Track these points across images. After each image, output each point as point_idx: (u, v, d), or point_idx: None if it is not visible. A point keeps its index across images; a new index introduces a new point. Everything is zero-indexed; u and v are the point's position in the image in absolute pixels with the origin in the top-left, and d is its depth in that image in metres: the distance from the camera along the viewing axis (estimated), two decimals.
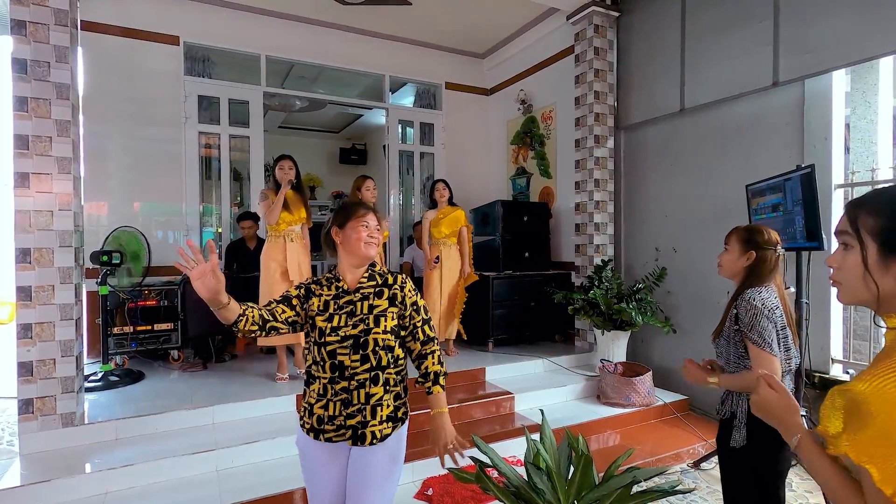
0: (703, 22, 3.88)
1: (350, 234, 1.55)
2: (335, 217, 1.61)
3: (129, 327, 3.80)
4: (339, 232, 1.58)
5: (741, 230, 1.80)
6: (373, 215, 1.59)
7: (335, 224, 1.59)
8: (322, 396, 1.52)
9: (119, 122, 4.44)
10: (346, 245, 1.55)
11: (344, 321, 1.51)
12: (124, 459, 2.58)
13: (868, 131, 3.72)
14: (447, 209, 4.37)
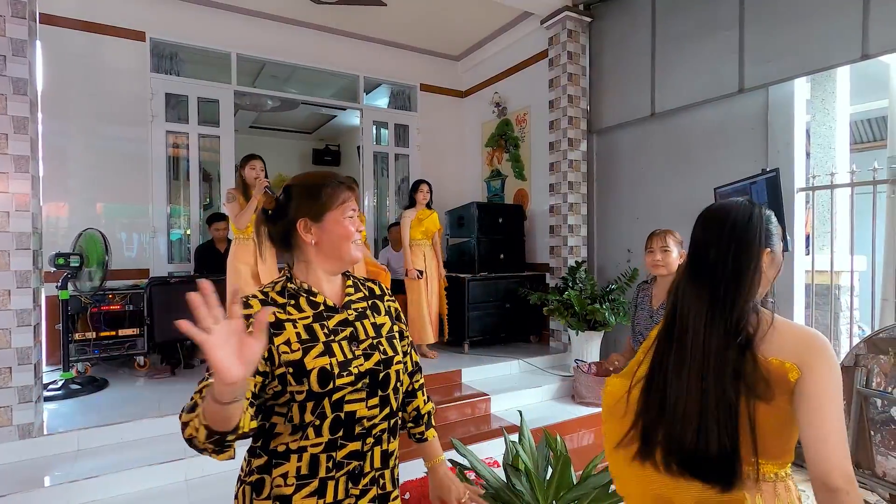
0: (672, 29, 3.98)
1: (333, 230, 1.06)
2: (301, 204, 1.06)
3: (91, 333, 3.65)
4: (312, 226, 1.06)
5: (672, 232, 2.13)
6: (355, 198, 1.12)
7: (305, 215, 1.05)
8: (310, 477, 0.99)
9: (81, 119, 4.27)
10: (326, 245, 1.06)
11: (350, 352, 1.03)
12: (87, 471, 2.46)
13: (827, 137, 3.90)
14: (426, 211, 4.36)
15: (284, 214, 1.07)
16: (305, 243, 1.07)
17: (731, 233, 0.94)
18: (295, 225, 1.06)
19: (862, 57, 2.91)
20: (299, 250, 1.08)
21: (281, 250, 1.11)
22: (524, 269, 5.10)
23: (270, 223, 1.10)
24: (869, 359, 2.75)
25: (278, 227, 1.09)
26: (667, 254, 2.11)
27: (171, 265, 4.72)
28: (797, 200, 3.31)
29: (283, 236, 1.09)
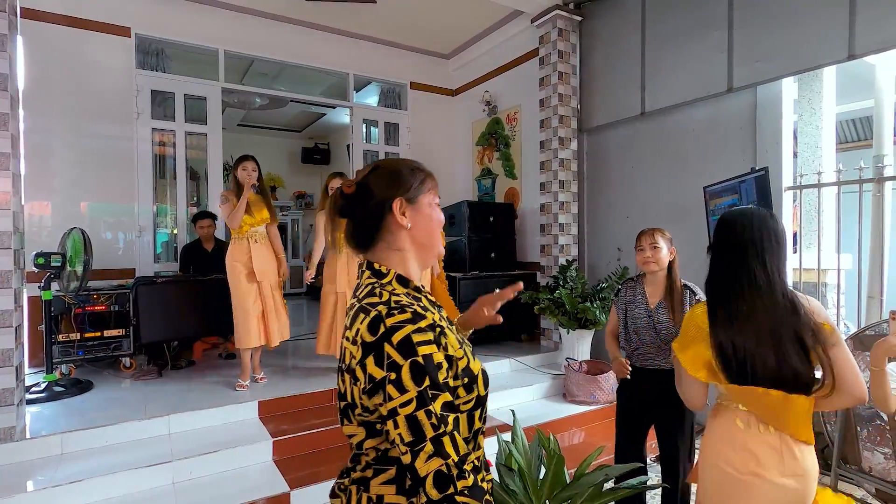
0: (662, 29, 4.00)
1: (428, 214, 0.96)
2: (392, 184, 0.94)
3: (75, 334, 3.58)
4: (408, 208, 0.94)
5: (661, 231, 2.21)
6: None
7: (399, 195, 0.93)
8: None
9: (64, 116, 4.18)
10: (420, 231, 0.95)
11: (473, 356, 0.94)
12: (71, 475, 2.41)
13: (814, 136, 3.93)
14: None
15: (370, 196, 0.93)
16: (399, 228, 0.93)
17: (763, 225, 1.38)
18: (389, 205, 0.92)
19: (848, 57, 2.94)
20: (391, 238, 0.94)
21: (358, 242, 0.96)
22: (515, 268, 5.10)
23: (352, 208, 0.94)
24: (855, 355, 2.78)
25: (363, 211, 0.93)
26: (657, 251, 2.15)
27: (158, 265, 4.65)
28: (785, 199, 3.34)
29: (369, 221, 0.94)
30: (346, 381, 0.87)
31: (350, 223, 0.96)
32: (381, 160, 1.02)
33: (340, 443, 3.04)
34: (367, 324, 0.82)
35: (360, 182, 0.95)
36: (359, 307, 0.86)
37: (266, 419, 3.12)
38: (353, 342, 0.84)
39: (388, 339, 0.79)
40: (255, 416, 3.15)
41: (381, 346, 0.79)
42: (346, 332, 0.87)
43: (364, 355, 0.81)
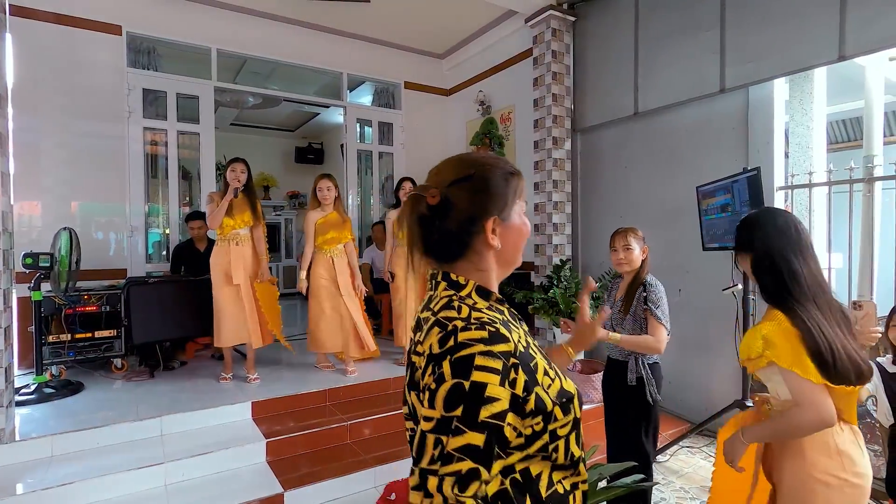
0: (655, 29, 4.02)
1: (516, 228, 0.87)
2: (487, 199, 0.83)
3: (66, 335, 3.54)
4: (499, 226, 0.84)
5: (634, 230, 2.28)
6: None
7: (494, 214, 0.83)
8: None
9: (55, 115, 4.14)
10: (507, 249, 0.86)
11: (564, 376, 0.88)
12: (61, 478, 2.39)
13: (805, 137, 3.96)
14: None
15: (459, 210, 0.81)
16: (488, 248, 0.84)
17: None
18: (482, 225, 0.82)
19: (839, 58, 2.96)
20: (476, 258, 0.84)
21: (437, 257, 0.85)
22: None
23: (435, 220, 0.82)
24: None
25: (448, 227, 0.82)
26: (629, 252, 2.22)
27: (150, 265, 4.62)
28: (777, 199, 3.36)
29: (454, 239, 0.83)
30: (410, 396, 0.80)
31: (429, 236, 0.83)
32: (466, 158, 0.87)
33: (334, 443, 3.03)
34: (440, 337, 0.75)
35: (446, 192, 0.82)
36: (434, 320, 0.78)
37: (259, 420, 3.11)
38: (422, 355, 0.77)
39: (452, 353, 0.72)
40: (248, 416, 3.13)
41: (441, 359, 0.73)
42: (417, 346, 0.79)
43: (425, 366, 0.75)
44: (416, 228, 0.84)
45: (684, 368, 3.77)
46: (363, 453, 2.92)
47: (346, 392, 3.50)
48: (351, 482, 2.67)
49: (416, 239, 0.84)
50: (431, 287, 0.87)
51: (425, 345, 0.77)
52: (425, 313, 0.83)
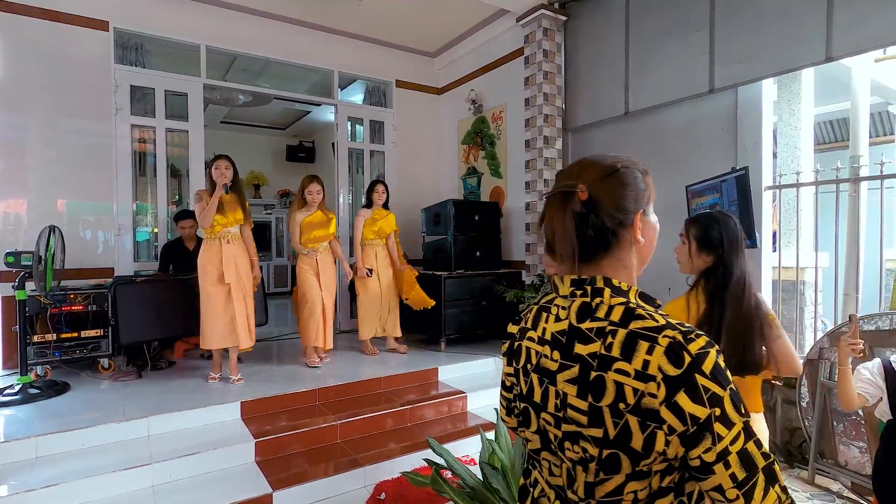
0: (645, 29, 4.04)
1: (654, 224, 0.88)
2: (637, 192, 0.84)
3: (51, 335, 3.49)
4: (644, 221, 0.85)
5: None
6: None
7: (641, 208, 0.84)
8: None
9: (40, 112, 4.08)
10: (647, 245, 0.86)
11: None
12: (46, 479, 2.35)
13: (792, 137, 4.00)
14: (383, 211, 4.42)
15: (607, 205, 0.81)
16: (633, 243, 0.83)
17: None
18: (631, 220, 0.82)
19: (826, 59, 2.99)
20: (621, 254, 0.83)
21: (580, 255, 0.82)
22: (500, 267, 5.11)
23: (589, 219, 0.81)
24: (832, 352, 2.84)
25: (601, 225, 0.81)
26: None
27: (138, 264, 4.56)
28: (765, 198, 3.39)
29: (602, 234, 0.81)
30: (613, 424, 0.73)
31: (583, 232, 0.81)
32: (604, 157, 0.88)
33: (324, 443, 3.01)
34: (666, 352, 0.69)
35: (592, 188, 0.81)
36: (632, 333, 0.73)
37: (249, 420, 3.08)
38: (641, 378, 0.70)
39: (699, 369, 0.68)
40: (237, 416, 3.11)
41: (692, 379, 0.68)
42: (617, 363, 0.73)
43: (671, 392, 0.68)
44: (570, 225, 0.81)
45: None
46: (353, 453, 2.91)
47: (336, 391, 3.49)
48: (340, 482, 2.66)
49: (568, 235, 0.81)
50: (578, 292, 0.82)
51: (635, 362, 0.71)
52: (590, 323, 0.78)
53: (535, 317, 0.90)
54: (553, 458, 0.83)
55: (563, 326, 0.82)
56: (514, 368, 0.91)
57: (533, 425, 0.86)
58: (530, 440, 0.87)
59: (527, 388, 0.86)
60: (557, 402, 0.80)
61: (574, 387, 0.77)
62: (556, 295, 0.87)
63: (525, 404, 0.87)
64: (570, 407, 0.77)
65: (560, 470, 0.82)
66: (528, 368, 0.87)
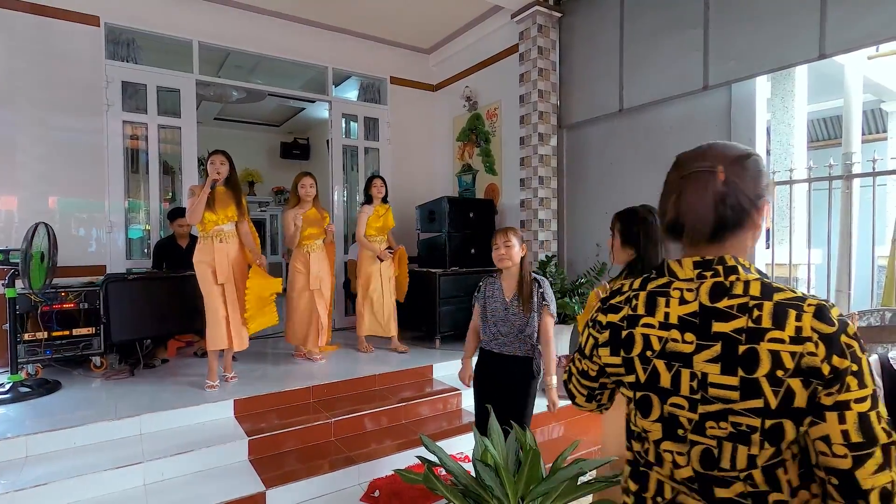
0: (640, 26, 4.03)
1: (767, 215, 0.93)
2: (762, 180, 0.88)
3: (42, 333, 3.46)
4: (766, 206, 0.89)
5: (514, 230, 2.39)
6: None
7: (769, 194, 0.89)
8: None
9: (31, 108, 4.03)
10: (759, 233, 0.91)
11: None
12: (36, 478, 2.33)
13: (786, 134, 4.02)
14: (383, 207, 4.38)
15: (745, 189, 0.85)
16: (757, 228, 0.87)
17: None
18: (760, 203, 0.86)
19: (819, 56, 3.00)
20: (745, 236, 0.87)
21: (711, 233, 0.85)
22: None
23: (728, 199, 0.84)
24: None
25: (739, 205, 0.84)
26: (509, 248, 2.33)
27: (131, 261, 4.53)
28: None
29: (744, 214, 0.85)
30: (773, 393, 0.75)
31: (722, 210, 0.84)
32: (731, 144, 0.92)
33: (318, 441, 3.00)
34: (815, 315, 0.75)
35: (727, 171, 0.85)
36: (779, 303, 0.78)
37: (242, 418, 3.07)
38: (797, 342, 0.75)
39: (844, 331, 0.74)
40: (230, 414, 3.09)
41: (838, 338, 0.73)
42: (770, 333, 0.76)
43: (829, 348, 0.73)
44: (710, 202, 0.84)
45: None
46: (347, 450, 2.90)
47: (330, 389, 3.47)
48: (334, 479, 2.65)
49: (707, 212, 0.84)
50: (702, 275, 0.85)
51: (788, 330, 0.75)
52: (728, 301, 0.81)
53: (647, 303, 0.90)
54: (676, 447, 0.84)
55: (693, 308, 0.84)
56: (624, 357, 0.91)
57: (654, 413, 0.86)
58: (649, 430, 0.88)
59: (646, 376, 0.87)
60: (693, 384, 0.81)
61: (717, 365, 0.79)
62: (671, 279, 0.89)
63: (643, 392, 0.87)
64: (712, 386, 0.79)
65: (686, 458, 0.83)
66: (649, 355, 0.87)
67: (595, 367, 1.00)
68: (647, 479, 0.90)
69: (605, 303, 0.99)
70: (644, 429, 0.89)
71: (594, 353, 0.98)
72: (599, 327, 0.97)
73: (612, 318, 0.95)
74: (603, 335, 0.96)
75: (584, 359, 1.02)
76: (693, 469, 0.82)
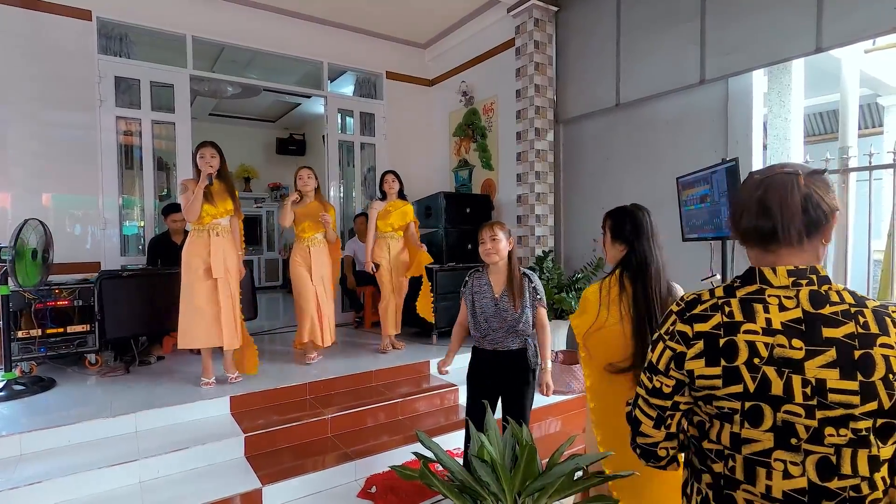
0: (636, 20, 4.01)
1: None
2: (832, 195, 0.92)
3: (36, 330, 3.44)
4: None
5: (501, 224, 2.44)
6: None
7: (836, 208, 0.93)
8: None
9: (22, 104, 3.99)
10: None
11: None
12: (30, 476, 2.32)
13: (782, 129, 4.00)
14: (397, 202, 4.27)
15: (821, 200, 0.88)
16: (828, 239, 0.91)
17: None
18: (832, 215, 0.89)
19: (816, 50, 2.99)
20: (819, 242, 0.90)
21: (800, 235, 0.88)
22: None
23: (810, 204, 0.88)
24: None
25: (822, 211, 0.88)
26: (496, 242, 2.32)
27: (125, 258, 4.51)
28: None
29: (820, 215, 0.88)
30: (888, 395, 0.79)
31: (806, 214, 0.88)
32: (801, 164, 0.99)
33: (315, 437, 3.00)
34: None
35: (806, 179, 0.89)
36: (875, 311, 0.84)
37: (238, 415, 3.06)
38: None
39: None
40: (226, 411, 3.08)
41: None
42: (880, 338, 0.81)
43: None
44: (798, 200, 0.87)
45: None
46: (344, 447, 2.90)
47: (326, 386, 3.47)
48: (331, 476, 2.65)
49: (796, 211, 0.87)
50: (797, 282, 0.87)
51: (894, 337, 0.81)
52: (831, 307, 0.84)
53: (743, 310, 0.88)
54: (791, 456, 0.82)
55: (797, 314, 0.85)
56: (725, 367, 0.87)
57: (766, 423, 0.84)
58: (759, 440, 0.85)
59: (756, 385, 0.84)
60: (807, 390, 0.81)
61: (834, 370, 0.80)
62: (762, 286, 0.90)
63: (753, 402, 0.85)
64: (832, 391, 0.80)
65: (800, 468, 0.82)
66: (757, 363, 0.84)
67: (671, 383, 0.94)
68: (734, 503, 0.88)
69: (684, 314, 0.94)
70: (751, 439, 0.86)
71: (670, 367, 0.94)
72: (685, 339, 0.92)
73: (701, 327, 0.91)
74: (694, 347, 0.91)
75: (656, 375, 0.96)
76: (808, 479, 0.82)
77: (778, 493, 0.83)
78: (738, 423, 0.86)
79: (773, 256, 0.90)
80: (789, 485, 0.82)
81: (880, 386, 0.78)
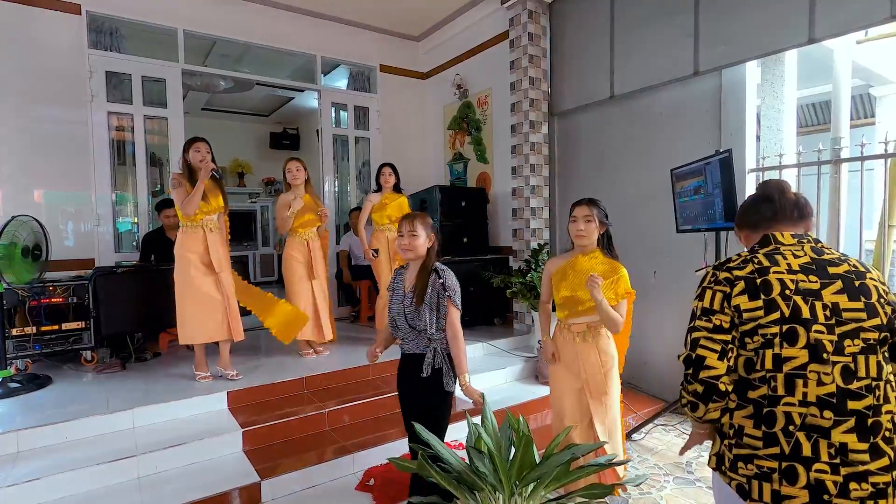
0: (631, 12, 4.01)
1: None
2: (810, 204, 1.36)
3: (31, 328, 3.42)
4: None
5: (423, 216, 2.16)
6: None
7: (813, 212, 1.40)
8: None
9: (12, 99, 3.95)
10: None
11: None
12: (27, 474, 2.32)
13: (776, 120, 4.02)
14: (392, 195, 4.27)
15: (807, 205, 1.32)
16: (811, 226, 1.34)
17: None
18: (812, 215, 1.32)
19: (808, 41, 2.99)
20: (810, 226, 1.31)
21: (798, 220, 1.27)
22: (487, 253, 5.11)
23: (803, 204, 1.30)
24: None
25: (806, 209, 1.31)
26: (414, 238, 2.05)
27: (120, 254, 4.48)
28: (748, 181, 3.42)
29: (808, 214, 1.30)
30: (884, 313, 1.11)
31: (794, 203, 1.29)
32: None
33: (313, 431, 3.01)
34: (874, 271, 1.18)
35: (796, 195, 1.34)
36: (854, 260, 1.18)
37: (236, 410, 3.07)
38: (881, 282, 1.16)
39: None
40: (224, 406, 3.09)
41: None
42: (868, 273, 1.15)
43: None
44: (791, 196, 1.29)
45: (658, 349, 3.85)
46: (342, 440, 2.91)
47: (323, 380, 3.48)
48: (329, 469, 2.67)
49: (789, 200, 1.28)
50: (801, 242, 1.21)
51: (873, 275, 1.16)
52: (829, 255, 1.18)
53: (769, 259, 1.18)
54: (821, 367, 1.06)
55: (806, 260, 1.16)
56: (765, 299, 1.12)
57: (801, 341, 1.08)
58: (796, 357, 1.08)
59: (790, 310, 1.10)
60: (826, 312, 1.09)
61: (843, 295, 1.10)
62: (777, 245, 1.21)
63: (789, 325, 1.09)
64: (845, 311, 1.09)
65: (831, 376, 1.06)
66: (788, 293, 1.11)
67: (727, 318, 1.16)
68: (774, 417, 1.09)
69: (722, 266, 1.22)
70: (788, 356, 1.08)
71: (724, 305, 1.16)
72: (729, 282, 1.17)
73: (739, 273, 1.18)
74: (737, 286, 1.16)
75: (714, 315, 1.17)
76: (836, 385, 1.05)
77: (813, 398, 1.06)
78: (777, 345, 1.09)
79: (784, 228, 1.26)
80: (822, 390, 1.05)
81: (878, 306, 1.10)
